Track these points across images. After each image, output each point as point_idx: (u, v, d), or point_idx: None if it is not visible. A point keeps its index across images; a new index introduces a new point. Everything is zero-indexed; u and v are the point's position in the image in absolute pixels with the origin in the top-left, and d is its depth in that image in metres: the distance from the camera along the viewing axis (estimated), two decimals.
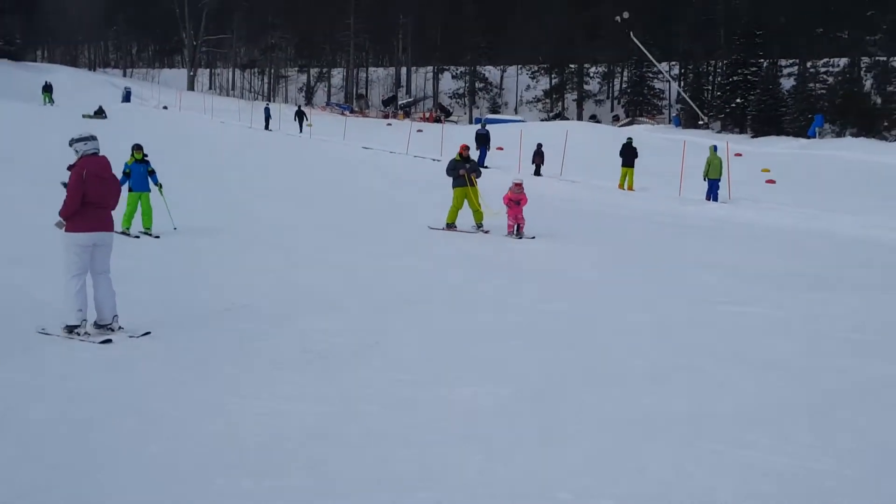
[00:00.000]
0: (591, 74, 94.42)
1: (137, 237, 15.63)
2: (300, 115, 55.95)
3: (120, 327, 9.04)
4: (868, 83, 77.55)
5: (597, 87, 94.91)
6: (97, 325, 9.00)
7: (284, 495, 5.16)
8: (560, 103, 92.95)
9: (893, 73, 77.91)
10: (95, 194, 8.82)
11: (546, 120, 79.36)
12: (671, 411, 6.84)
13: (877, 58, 77.90)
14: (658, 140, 48.71)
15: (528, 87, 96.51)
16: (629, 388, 7.50)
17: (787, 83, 77.43)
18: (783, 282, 13.58)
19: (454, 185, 19.05)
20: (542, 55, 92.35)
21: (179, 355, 8.32)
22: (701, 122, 74.99)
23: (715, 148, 28.57)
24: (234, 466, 5.56)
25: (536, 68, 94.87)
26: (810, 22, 79.20)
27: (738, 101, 73.10)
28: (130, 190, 15.68)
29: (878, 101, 74.61)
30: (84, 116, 47.93)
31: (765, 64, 76.41)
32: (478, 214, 18.80)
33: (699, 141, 50.33)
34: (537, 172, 33.21)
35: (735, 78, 74.67)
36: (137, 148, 16.24)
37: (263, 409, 6.70)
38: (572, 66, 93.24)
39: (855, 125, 69.30)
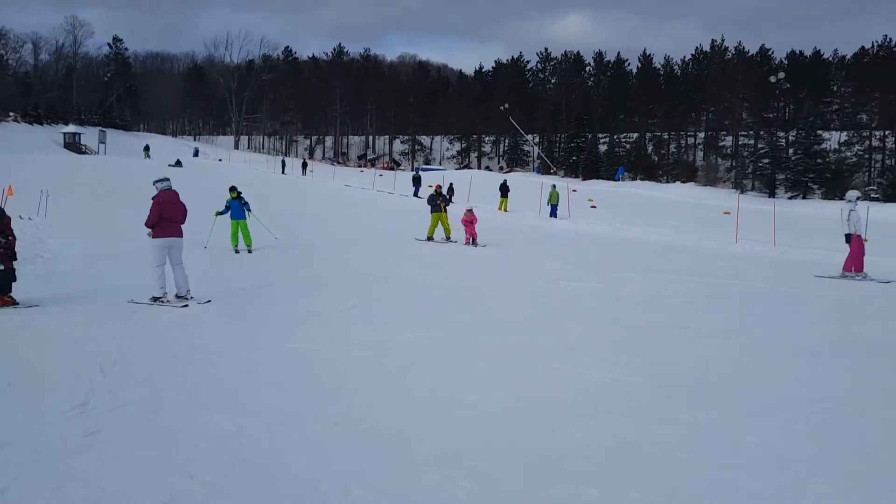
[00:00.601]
0: (486, 141, 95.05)
1: (237, 252, 14.27)
2: (304, 165, 57.60)
3: (192, 297, 8.88)
4: (650, 148, 79.38)
5: (489, 149, 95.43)
6: (177, 296, 8.85)
7: (308, 393, 5.02)
8: (467, 159, 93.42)
9: (665, 142, 79.77)
10: (168, 213, 8.86)
11: (459, 169, 79.58)
12: (536, 346, 6.79)
13: (655, 132, 79.86)
14: (526, 181, 48.99)
15: (448, 148, 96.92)
16: (508, 332, 7.45)
17: (603, 147, 78.68)
18: (601, 267, 13.68)
19: (432, 211, 18.30)
20: (455, 128, 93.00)
21: (232, 315, 8.12)
22: (552, 171, 75.73)
23: (554, 186, 30.11)
24: (267, 382, 5.41)
25: (453, 137, 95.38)
26: (616, 111, 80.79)
27: (574, 157, 74.24)
28: (231, 219, 14.55)
29: (656, 159, 76.63)
30: (169, 166, 47.50)
31: (590, 136, 77.58)
32: (448, 230, 18.10)
33: (551, 182, 50.80)
34: (449, 201, 34.05)
35: (572, 144, 75.92)
36: (232, 189, 14.99)
37: (287, 346, 6.56)
38: (474, 136, 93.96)
39: (642, 173, 70.80)
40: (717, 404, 5.05)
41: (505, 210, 30.98)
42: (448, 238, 18.08)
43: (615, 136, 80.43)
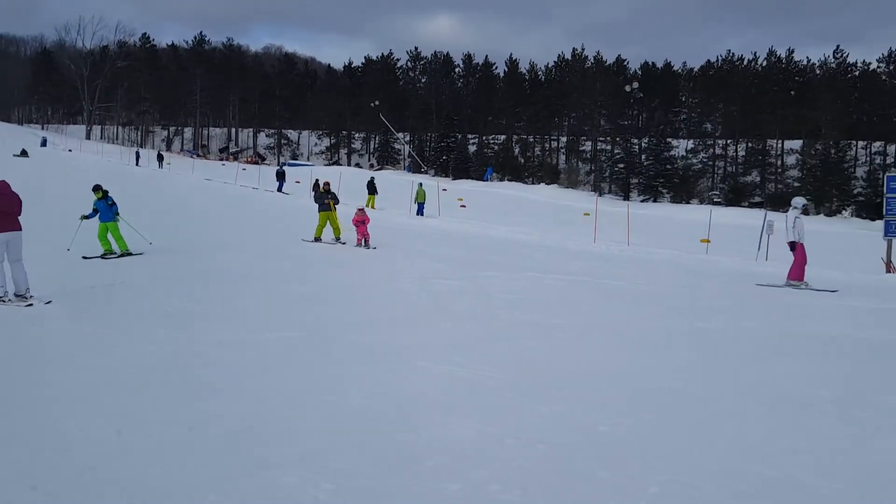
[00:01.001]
0: (356, 138, 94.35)
1: (106, 258, 12.94)
2: (160, 157, 54.50)
3: (32, 296, 8.21)
4: (517, 150, 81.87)
5: (360, 145, 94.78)
6: (17, 295, 8.17)
7: (160, 397, 4.73)
8: (336, 155, 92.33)
9: (530, 145, 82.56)
10: (1, 206, 8.23)
11: (328, 165, 78.48)
12: (403, 344, 6.80)
13: (521, 135, 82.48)
14: (397, 180, 49.12)
15: (316, 143, 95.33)
16: (374, 331, 7.43)
17: (472, 148, 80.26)
18: (469, 265, 13.94)
19: (319, 210, 17.21)
20: (324, 123, 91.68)
21: (79, 315, 7.58)
22: (423, 170, 76.36)
23: (420, 184, 30.67)
24: (117, 386, 5.07)
25: (321, 132, 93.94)
26: (484, 113, 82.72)
27: (444, 157, 75.27)
28: (100, 220, 13.25)
29: (522, 161, 79.16)
30: (14, 155, 44.01)
31: (459, 136, 78.91)
32: (337, 231, 17.03)
33: (423, 181, 51.22)
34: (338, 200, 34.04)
35: (442, 143, 76.99)
36: (97, 188, 13.60)
37: (138, 348, 6.17)
38: (344, 132, 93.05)
39: (509, 174, 72.90)
40: (574, 397, 5.27)
41: (372, 207, 31.11)
42: (338, 239, 17.08)
43: (484, 137, 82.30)
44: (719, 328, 8.47)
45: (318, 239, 17.14)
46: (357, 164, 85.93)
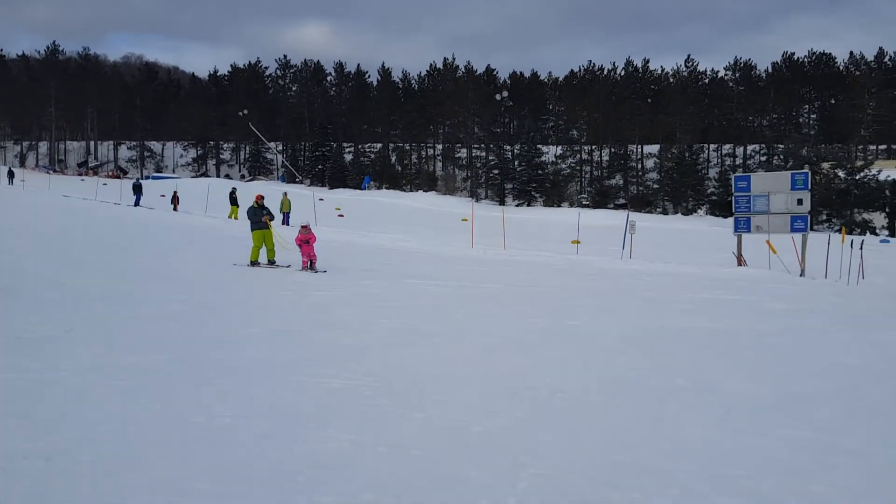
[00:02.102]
0: (225, 148, 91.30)
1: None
2: (10, 174, 49.68)
3: None
4: (394, 158, 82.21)
5: (229, 156, 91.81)
6: None
7: (15, 428, 4.36)
8: (204, 166, 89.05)
9: (407, 153, 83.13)
10: None
11: (195, 177, 75.60)
12: (275, 359, 6.63)
13: (398, 143, 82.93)
14: (270, 190, 48.06)
15: (182, 154, 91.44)
16: (246, 348, 7.21)
17: (349, 157, 79.79)
18: (347, 274, 13.84)
19: (253, 229, 15.08)
20: (189, 134, 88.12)
21: None
22: (298, 179, 75.12)
23: (285, 193, 30.73)
24: None
25: (187, 143, 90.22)
26: (359, 121, 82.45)
27: (320, 166, 74.43)
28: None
29: (399, 168, 79.64)
30: None
31: (335, 145, 78.24)
32: (271, 252, 15.06)
33: (296, 191, 50.36)
34: (175, 209, 33.00)
35: (317, 152, 76.13)
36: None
37: None
38: (211, 142, 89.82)
39: (387, 182, 73.12)
40: (449, 400, 5.34)
41: (235, 218, 30.49)
42: (272, 261, 15.09)
43: (360, 146, 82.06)
44: (587, 326, 8.86)
45: (255, 263, 14.97)
46: (227, 175, 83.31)
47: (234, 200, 31.29)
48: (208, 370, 6.19)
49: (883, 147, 74.61)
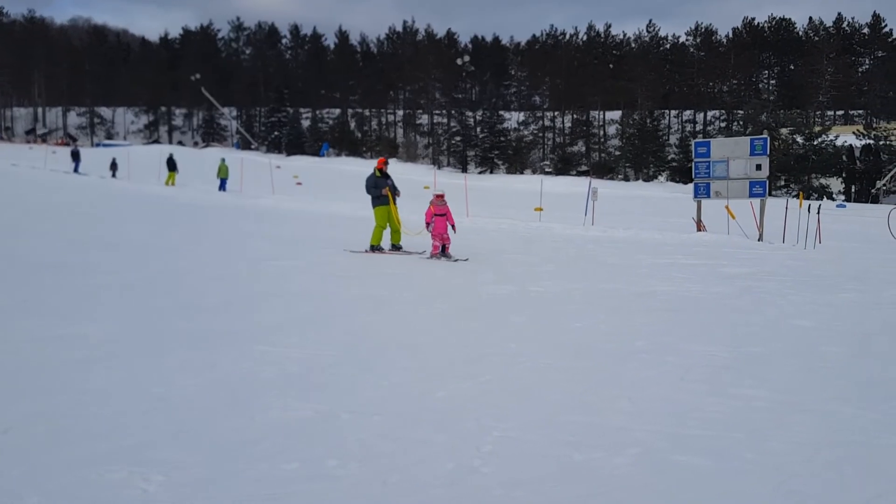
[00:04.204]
0: (177, 114, 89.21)
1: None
2: None
3: None
4: (353, 124, 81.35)
5: (182, 122, 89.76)
6: None
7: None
8: (156, 133, 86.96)
9: (366, 119, 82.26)
10: None
11: (147, 144, 73.86)
12: (235, 328, 6.59)
13: (357, 109, 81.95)
14: (231, 158, 47.32)
15: (133, 121, 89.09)
16: (205, 317, 7.13)
17: (306, 123, 78.69)
18: (307, 244, 13.74)
19: (375, 205, 12.71)
20: (141, 100, 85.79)
21: None
22: (253, 146, 73.93)
23: (223, 159, 30.53)
24: None
25: (138, 109, 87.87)
26: (316, 86, 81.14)
27: (276, 133, 73.26)
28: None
29: (359, 135, 78.86)
30: None
31: (291, 111, 77.03)
32: (397, 234, 12.85)
33: (252, 158, 49.60)
34: (114, 175, 33.68)
35: (273, 118, 74.87)
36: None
37: None
38: (163, 108, 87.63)
39: (347, 149, 72.40)
40: (413, 367, 5.38)
41: (173, 184, 30.16)
42: (397, 246, 12.72)
43: (317, 112, 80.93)
44: (550, 291, 8.97)
45: (376, 247, 12.64)
46: (179, 142, 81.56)
47: (172, 166, 30.95)
48: (167, 340, 6.12)
49: (840, 113, 76.31)
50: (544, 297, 8.54)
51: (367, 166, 57.41)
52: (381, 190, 12.62)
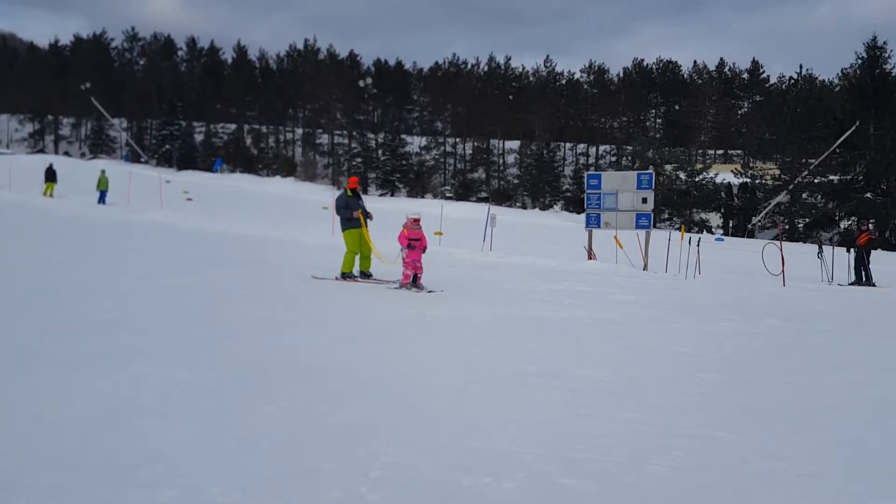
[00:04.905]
0: (65, 123, 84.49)
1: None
2: None
3: None
4: (249, 141, 79.72)
5: (69, 132, 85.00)
6: None
7: None
8: (42, 142, 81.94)
9: (264, 136, 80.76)
10: None
11: (32, 153, 69.56)
12: (117, 349, 6.25)
13: (254, 126, 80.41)
14: (113, 170, 45.09)
15: (17, 129, 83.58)
16: (85, 337, 6.72)
17: (199, 137, 76.37)
18: (196, 262, 13.23)
19: (345, 228, 11.84)
20: (26, 107, 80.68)
21: None
22: (143, 159, 70.93)
23: (103, 171, 29.60)
24: None
25: (23, 116, 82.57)
26: (212, 100, 79.03)
27: (167, 146, 70.79)
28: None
29: (255, 152, 77.42)
30: None
31: (184, 124, 74.61)
32: (367, 261, 11.98)
33: (141, 172, 47.61)
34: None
35: (165, 131, 72.40)
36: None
37: None
38: (50, 116, 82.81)
39: (242, 166, 70.80)
40: (303, 392, 5.25)
41: (51, 196, 28.71)
42: (367, 273, 11.84)
43: (212, 126, 78.69)
44: (447, 315, 9.02)
45: (348, 275, 11.78)
46: (66, 153, 77.19)
47: (51, 176, 29.49)
48: (41, 360, 5.72)
49: (720, 152, 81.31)
50: (441, 322, 8.58)
51: (262, 184, 56.32)
52: (353, 212, 11.79)
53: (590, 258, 18.29)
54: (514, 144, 77.08)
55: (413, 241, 10.95)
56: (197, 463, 3.80)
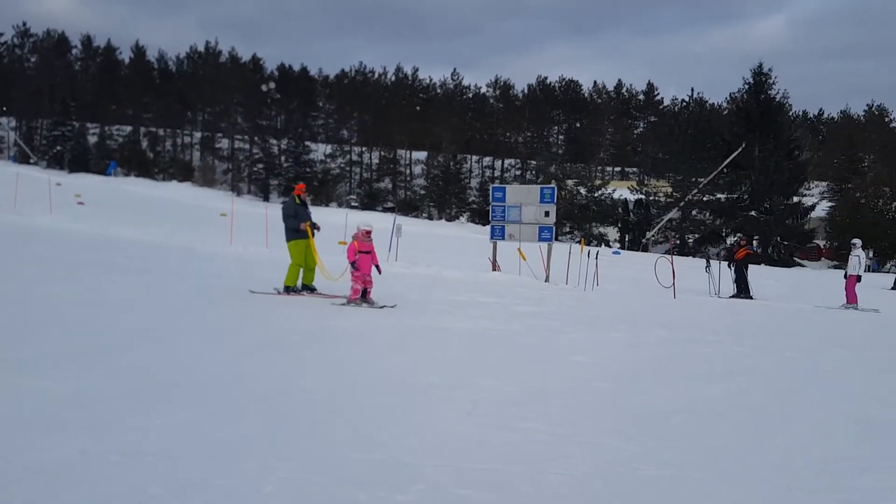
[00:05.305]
0: None
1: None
2: None
3: None
4: (145, 144, 76.82)
5: None
6: None
7: None
8: None
9: (161, 139, 77.89)
10: None
11: None
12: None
13: (150, 128, 77.44)
14: (6, 172, 42.43)
15: None
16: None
17: (93, 139, 72.79)
18: (87, 268, 12.55)
19: (291, 238, 11.25)
20: None
21: None
22: (32, 161, 66.83)
23: None
24: None
25: None
26: (107, 101, 75.57)
27: (59, 147, 67.07)
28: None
29: (151, 156, 74.70)
30: None
31: (77, 125, 70.94)
32: (311, 274, 11.43)
33: (30, 174, 45.00)
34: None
35: (56, 132, 68.56)
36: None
37: None
38: None
39: (136, 170, 68.06)
40: (196, 405, 5.04)
41: None
42: (311, 287, 11.37)
43: (106, 128, 75.17)
44: (350, 326, 8.92)
45: (291, 289, 11.26)
46: None
47: None
48: None
49: (618, 169, 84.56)
50: (343, 333, 8.47)
51: (158, 189, 54.26)
52: (300, 223, 11.26)
53: (494, 269, 18.56)
54: (422, 155, 77.46)
55: (362, 253, 10.59)
56: (79, 480, 3.57)
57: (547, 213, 18.37)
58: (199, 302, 10.18)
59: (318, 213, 13.54)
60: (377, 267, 10.85)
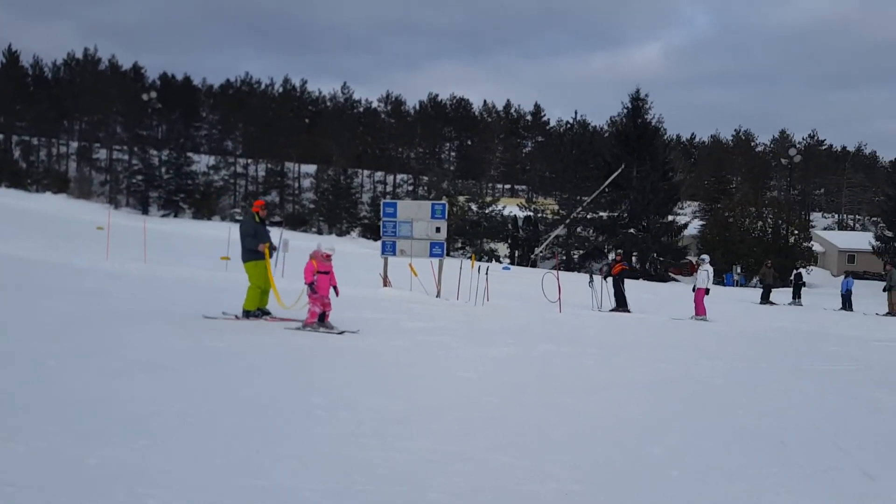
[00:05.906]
0: None
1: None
2: None
3: None
4: (17, 153, 72.04)
5: None
6: None
7: None
8: None
9: (34, 148, 73.20)
10: None
11: None
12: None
13: (23, 137, 72.45)
14: None
15: None
16: None
17: None
18: None
19: (248, 259, 10.72)
20: None
21: None
22: None
23: None
24: None
25: None
26: None
27: None
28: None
29: (24, 165, 70.12)
30: None
31: None
32: (266, 296, 10.86)
33: None
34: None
35: None
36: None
37: None
38: None
39: (7, 180, 63.78)
40: (60, 429, 4.66)
41: None
42: (265, 311, 10.79)
43: None
44: (231, 345, 8.58)
45: (252, 313, 10.73)
46: None
47: None
48: None
49: (508, 186, 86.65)
50: (222, 353, 8.15)
51: (31, 200, 50.81)
52: (259, 244, 10.72)
53: (385, 285, 18.47)
54: (311, 169, 76.41)
55: (321, 274, 10.09)
56: None
57: (438, 229, 18.49)
58: (70, 319, 9.52)
59: (197, 227, 12.97)
60: (335, 289, 10.41)
